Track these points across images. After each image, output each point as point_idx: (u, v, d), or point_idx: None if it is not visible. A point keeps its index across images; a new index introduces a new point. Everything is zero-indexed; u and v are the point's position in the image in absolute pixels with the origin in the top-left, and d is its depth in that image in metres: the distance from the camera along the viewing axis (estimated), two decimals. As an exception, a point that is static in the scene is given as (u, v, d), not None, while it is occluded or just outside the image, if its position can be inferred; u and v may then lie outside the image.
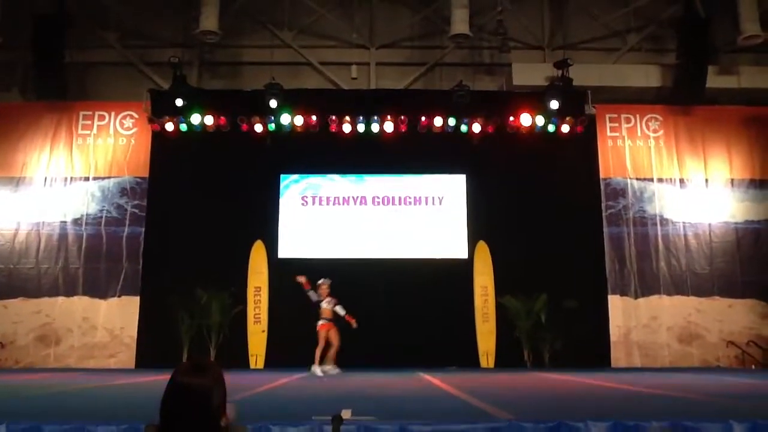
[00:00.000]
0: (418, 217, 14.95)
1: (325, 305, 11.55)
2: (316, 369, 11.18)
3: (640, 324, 14.37)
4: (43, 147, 14.90)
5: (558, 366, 11.33)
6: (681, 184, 15.10)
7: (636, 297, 14.51)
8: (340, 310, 11.53)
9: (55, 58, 14.24)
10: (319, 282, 11.67)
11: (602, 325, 14.27)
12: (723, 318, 14.39)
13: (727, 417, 4.47)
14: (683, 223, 14.88)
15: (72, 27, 14.63)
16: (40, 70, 14.34)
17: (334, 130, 14.43)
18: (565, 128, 14.49)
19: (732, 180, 15.15)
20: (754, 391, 7.64)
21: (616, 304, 14.46)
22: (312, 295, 11.50)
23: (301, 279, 11.53)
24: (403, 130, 14.43)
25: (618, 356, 14.17)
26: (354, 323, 11.40)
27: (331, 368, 11.37)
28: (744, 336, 14.31)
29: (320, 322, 11.52)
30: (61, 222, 14.53)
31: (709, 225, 14.86)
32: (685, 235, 14.82)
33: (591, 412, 4.90)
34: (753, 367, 13.81)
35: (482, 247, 14.48)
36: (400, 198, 15.03)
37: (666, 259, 14.70)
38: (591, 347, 13.80)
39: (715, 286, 14.57)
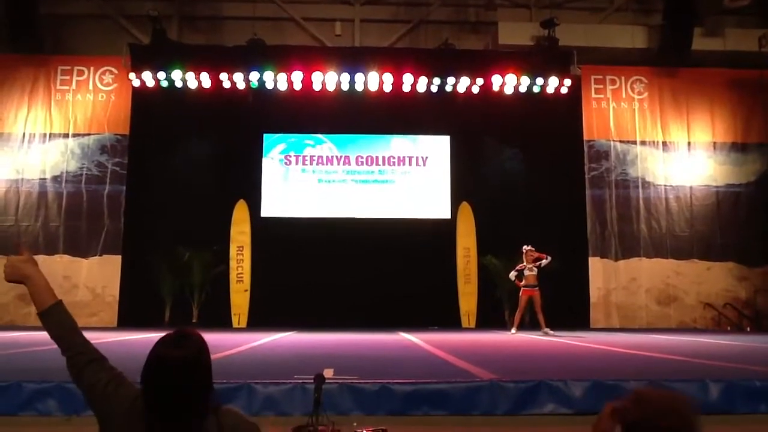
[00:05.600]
0: (402, 178, 14.92)
1: (527, 272, 11.43)
2: (513, 329, 11.46)
3: (620, 286, 14.55)
4: (20, 102, 14.58)
5: (538, 326, 11.50)
6: (664, 147, 15.14)
7: (616, 259, 14.66)
8: (544, 262, 11.36)
9: (28, 9, 13.76)
10: (526, 249, 11.50)
11: (582, 287, 14.45)
12: (701, 280, 14.61)
13: (704, 377, 4.55)
14: (665, 186, 14.97)
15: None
16: (12, 21, 13.81)
17: (317, 88, 14.23)
18: (550, 89, 14.40)
19: (714, 143, 15.21)
20: (729, 352, 7.78)
21: (596, 265, 14.61)
22: (518, 280, 11.54)
23: (514, 275, 11.59)
24: (387, 90, 14.26)
25: (597, 317, 14.38)
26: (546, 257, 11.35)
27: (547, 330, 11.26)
28: (721, 298, 14.54)
29: (522, 288, 11.49)
30: (41, 179, 14.32)
31: (691, 188, 14.97)
32: (666, 198, 14.92)
33: (571, 372, 4.96)
34: (728, 328, 14.06)
35: (465, 208, 14.51)
36: (383, 158, 14.96)
37: (647, 221, 14.82)
38: (571, 308, 13.96)
39: (694, 248, 14.74)
